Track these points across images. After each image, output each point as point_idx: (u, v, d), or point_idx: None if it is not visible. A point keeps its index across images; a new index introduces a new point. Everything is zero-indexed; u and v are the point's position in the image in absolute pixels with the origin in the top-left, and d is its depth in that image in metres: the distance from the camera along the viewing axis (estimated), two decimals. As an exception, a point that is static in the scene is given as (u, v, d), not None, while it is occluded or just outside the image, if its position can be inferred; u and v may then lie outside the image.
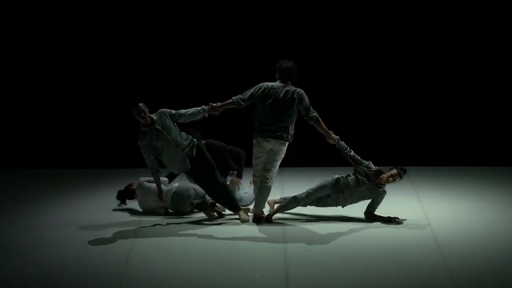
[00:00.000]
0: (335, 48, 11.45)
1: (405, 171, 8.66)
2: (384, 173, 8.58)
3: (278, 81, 8.63)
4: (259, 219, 8.68)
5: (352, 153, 8.72)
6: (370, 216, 8.64)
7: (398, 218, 8.58)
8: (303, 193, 8.76)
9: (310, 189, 8.76)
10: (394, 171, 8.61)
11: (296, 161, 10.80)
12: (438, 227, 8.27)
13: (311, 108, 8.57)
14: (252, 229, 8.38)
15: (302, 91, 8.57)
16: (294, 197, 8.75)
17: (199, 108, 8.69)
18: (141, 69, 11.52)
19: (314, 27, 11.41)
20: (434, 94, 11.54)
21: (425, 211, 8.94)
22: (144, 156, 8.59)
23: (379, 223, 8.51)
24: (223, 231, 8.33)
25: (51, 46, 11.44)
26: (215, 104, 8.67)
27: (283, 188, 10.00)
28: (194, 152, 8.67)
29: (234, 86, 8.75)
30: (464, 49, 11.43)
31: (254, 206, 8.75)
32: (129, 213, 9.08)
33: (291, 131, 8.61)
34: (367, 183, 8.60)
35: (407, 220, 8.57)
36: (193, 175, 8.78)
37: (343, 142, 8.68)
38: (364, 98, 11.56)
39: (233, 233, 8.23)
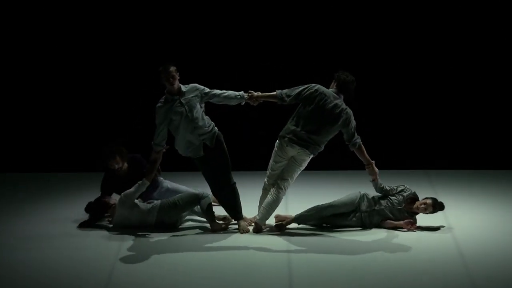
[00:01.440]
0: (342, 47, 11.30)
1: (441, 206, 8.20)
2: (418, 200, 8.20)
3: (332, 89, 8.01)
4: (259, 231, 8.06)
5: (386, 187, 8.20)
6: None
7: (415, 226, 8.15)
8: (324, 204, 8.17)
9: (332, 202, 8.17)
10: (429, 200, 8.16)
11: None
12: (461, 235, 7.96)
13: (356, 133, 7.97)
14: (252, 240, 7.83)
15: (351, 112, 7.98)
16: (316, 206, 8.14)
17: (236, 93, 8.05)
18: (137, 69, 11.34)
19: (314, 28, 11.24)
20: (457, 96, 11.36)
21: (447, 216, 8.58)
22: (156, 122, 7.93)
23: (392, 232, 8.05)
24: (219, 242, 7.80)
25: (33, 49, 11.32)
26: (255, 93, 8.05)
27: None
28: (213, 142, 7.97)
29: (234, 86, 8.21)
30: (482, 49, 11.25)
31: (259, 216, 8.09)
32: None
33: (321, 148, 8.00)
34: (399, 208, 8.14)
35: (428, 226, 8.24)
36: (204, 167, 8.04)
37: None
38: (387, 101, 11.37)
39: (231, 245, 7.71)
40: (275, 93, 8.01)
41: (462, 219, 8.48)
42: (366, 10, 11.14)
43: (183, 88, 7.97)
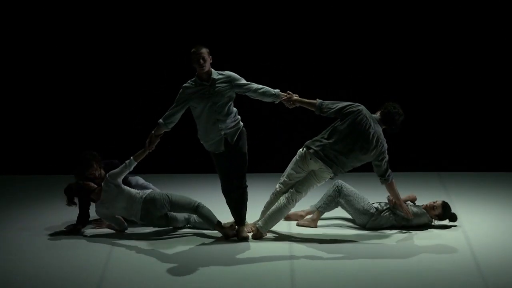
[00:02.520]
0: (356, 48, 11.24)
1: (452, 215, 8.10)
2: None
3: (376, 116, 7.78)
4: (259, 238, 7.76)
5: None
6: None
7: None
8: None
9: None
10: (439, 201, 8.06)
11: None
12: (475, 240, 7.78)
13: (389, 169, 7.70)
14: (253, 247, 7.58)
15: (386, 147, 7.69)
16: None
17: (273, 91, 7.61)
18: (136, 70, 11.33)
19: (315, 28, 11.15)
20: (471, 98, 11.28)
21: (460, 219, 8.40)
22: (175, 100, 7.56)
23: (401, 237, 7.83)
24: (217, 249, 7.54)
25: (29, 50, 11.25)
26: (294, 96, 7.69)
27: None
28: (234, 140, 7.61)
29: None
30: (497, 52, 11.15)
31: (262, 223, 7.79)
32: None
33: (344, 171, 7.70)
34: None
35: (441, 230, 8.10)
36: (220, 163, 7.65)
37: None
38: (400, 103, 10.95)
39: (230, 252, 7.44)
40: (315, 101, 7.70)
41: (476, 223, 8.35)
42: (369, 10, 11.10)
43: (215, 74, 7.56)
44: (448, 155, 11.20)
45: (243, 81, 7.61)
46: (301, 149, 7.76)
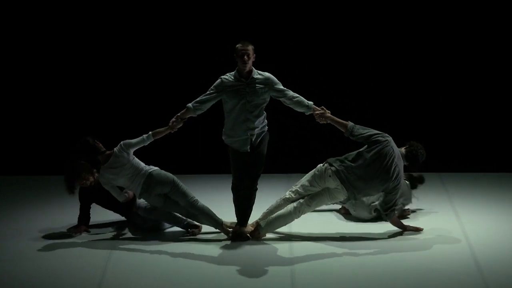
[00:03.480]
0: (354, 50, 11.21)
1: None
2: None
3: (401, 150, 7.80)
4: (258, 238, 7.73)
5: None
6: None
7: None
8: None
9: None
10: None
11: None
12: (476, 240, 7.76)
13: (394, 206, 7.70)
14: (253, 246, 7.61)
15: (402, 183, 7.71)
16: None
17: (306, 102, 7.58)
18: (134, 72, 11.31)
19: (317, 29, 11.13)
20: (471, 98, 11.26)
21: (461, 221, 8.44)
22: (210, 88, 7.57)
23: (402, 237, 7.84)
24: (217, 251, 7.52)
25: (23, 52, 11.25)
26: (327, 113, 7.66)
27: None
28: (257, 142, 7.60)
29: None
30: (499, 53, 11.13)
31: (263, 224, 7.76)
32: (102, 225, 8.34)
33: (357, 198, 7.69)
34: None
35: (441, 232, 8.05)
36: (236, 161, 7.64)
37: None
38: (400, 103, 11.32)
39: (230, 252, 7.46)
40: (347, 123, 7.67)
41: (476, 223, 8.32)
42: (372, 12, 11.08)
43: (255, 73, 7.54)
44: (449, 156, 11.16)
45: (281, 86, 7.60)
46: (322, 164, 7.74)
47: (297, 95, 7.63)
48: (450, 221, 8.41)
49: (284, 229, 7.98)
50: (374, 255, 7.32)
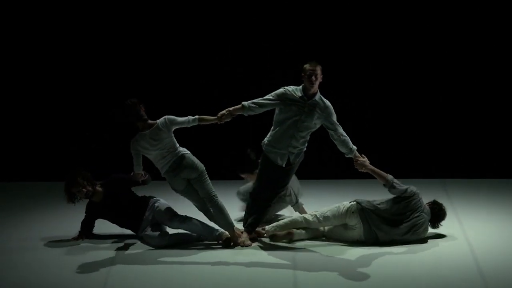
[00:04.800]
0: (356, 57, 11.21)
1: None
2: None
3: (426, 206, 7.88)
4: (259, 236, 7.84)
5: None
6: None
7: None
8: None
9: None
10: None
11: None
12: (478, 247, 7.72)
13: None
14: (256, 253, 7.60)
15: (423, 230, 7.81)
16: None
17: (350, 144, 7.70)
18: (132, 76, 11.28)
19: (317, 29, 11.13)
20: (474, 105, 11.26)
21: (463, 227, 8.45)
22: (272, 93, 7.61)
23: (404, 245, 7.77)
24: (219, 256, 7.50)
25: (18, 56, 11.25)
26: (368, 163, 7.76)
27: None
28: (293, 161, 7.68)
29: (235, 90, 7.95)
30: (498, 57, 11.14)
31: (269, 227, 7.86)
32: (105, 230, 8.24)
33: (379, 237, 7.75)
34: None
35: (443, 238, 8.05)
36: (265, 172, 7.71)
37: None
38: (403, 110, 11.32)
39: (234, 258, 7.42)
40: (386, 177, 7.72)
41: (479, 229, 8.30)
42: (372, 13, 11.09)
43: (318, 97, 7.63)
44: (451, 162, 11.14)
45: (335, 119, 7.67)
46: (351, 203, 7.82)
47: (345, 134, 7.71)
48: (452, 227, 8.36)
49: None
50: (377, 261, 7.30)
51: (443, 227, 8.29)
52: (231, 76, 11.04)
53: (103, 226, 8.21)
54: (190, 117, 7.73)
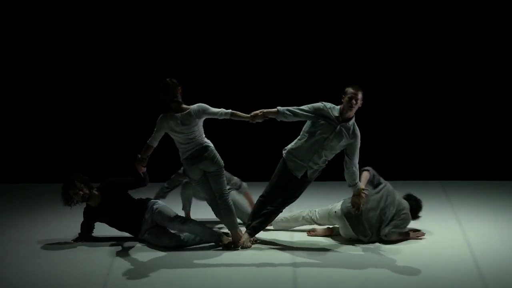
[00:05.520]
0: (354, 59, 11.15)
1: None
2: None
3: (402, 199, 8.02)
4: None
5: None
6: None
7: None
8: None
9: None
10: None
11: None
12: (478, 249, 7.70)
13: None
14: (256, 254, 7.57)
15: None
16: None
17: (357, 180, 7.76)
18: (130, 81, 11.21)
19: (317, 29, 11.07)
20: (474, 106, 11.20)
21: (463, 228, 8.41)
22: (309, 105, 7.68)
23: (404, 245, 7.83)
24: (219, 257, 7.50)
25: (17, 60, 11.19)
26: (363, 193, 7.85)
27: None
28: (310, 177, 7.73)
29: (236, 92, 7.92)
30: (499, 59, 11.08)
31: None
32: (104, 232, 8.19)
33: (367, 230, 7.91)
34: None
35: (443, 240, 8.01)
36: (280, 180, 7.71)
37: None
38: (402, 112, 11.26)
39: (233, 259, 7.42)
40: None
41: (479, 232, 8.27)
42: (372, 15, 11.04)
43: (352, 123, 7.64)
44: (451, 164, 11.11)
45: (356, 149, 7.68)
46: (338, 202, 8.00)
47: (357, 167, 7.74)
48: (452, 229, 8.36)
49: (287, 237, 8.03)
50: (376, 262, 7.29)
51: (443, 228, 8.35)
52: (231, 76, 11.02)
53: (102, 228, 8.17)
54: (223, 110, 7.71)
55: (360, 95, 7.58)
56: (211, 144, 7.77)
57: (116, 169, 8.48)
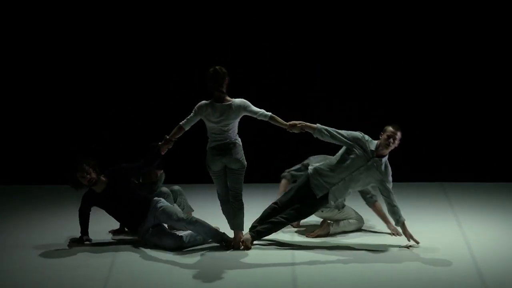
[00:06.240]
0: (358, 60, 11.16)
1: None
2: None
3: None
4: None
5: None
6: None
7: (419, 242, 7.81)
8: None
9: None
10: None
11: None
12: (478, 250, 7.66)
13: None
14: (255, 254, 7.57)
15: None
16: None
17: (399, 214, 7.72)
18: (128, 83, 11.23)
19: (317, 29, 11.08)
20: (474, 108, 11.22)
21: (463, 230, 8.39)
22: (347, 132, 7.71)
23: (402, 245, 7.78)
24: (219, 259, 7.48)
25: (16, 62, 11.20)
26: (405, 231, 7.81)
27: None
28: (328, 198, 7.76)
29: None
30: (500, 60, 11.10)
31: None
32: (104, 233, 8.20)
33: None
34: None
35: (443, 241, 7.96)
36: (299, 193, 7.77)
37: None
38: (402, 113, 11.19)
39: (233, 259, 7.42)
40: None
41: (479, 233, 8.25)
42: (373, 17, 11.04)
43: (384, 161, 7.71)
44: (451, 165, 11.12)
45: (390, 184, 7.70)
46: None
47: (396, 203, 7.72)
48: (452, 230, 8.34)
49: (287, 237, 8.04)
50: (376, 264, 7.27)
51: (443, 230, 8.34)
52: (231, 76, 10.96)
53: (103, 227, 8.19)
54: (264, 111, 7.66)
55: (398, 135, 7.71)
56: (240, 143, 7.74)
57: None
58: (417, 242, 7.68)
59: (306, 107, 10.61)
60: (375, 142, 7.71)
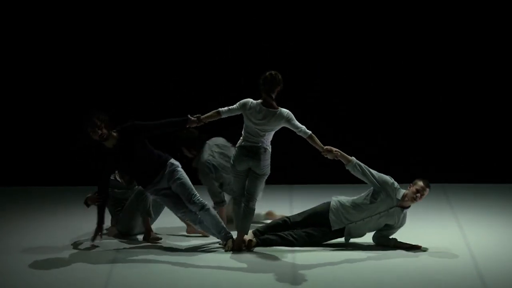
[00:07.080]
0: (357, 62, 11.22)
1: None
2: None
3: None
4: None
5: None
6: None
7: (421, 246, 7.80)
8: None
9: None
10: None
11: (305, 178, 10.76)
12: (479, 252, 7.67)
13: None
14: (255, 255, 7.60)
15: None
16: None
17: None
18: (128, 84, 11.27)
19: (317, 29, 11.13)
20: (475, 110, 11.27)
21: (464, 232, 8.41)
22: (379, 174, 7.78)
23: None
24: (219, 256, 7.54)
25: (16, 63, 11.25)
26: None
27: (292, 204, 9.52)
28: (343, 233, 7.84)
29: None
30: (500, 62, 11.16)
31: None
32: (105, 236, 8.14)
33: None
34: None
35: (444, 243, 7.97)
36: (316, 215, 7.83)
37: None
38: (403, 115, 11.33)
39: (233, 260, 7.44)
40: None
41: (479, 235, 8.27)
42: (373, 18, 11.07)
43: (405, 212, 7.78)
44: (452, 167, 11.13)
45: (391, 233, 7.81)
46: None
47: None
48: (452, 232, 8.36)
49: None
50: (376, 264, 7.29)
51: (444, 231, 8.35)
52: (231, 76, 10.99)
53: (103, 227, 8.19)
54: (305, 128, 7.64)
55: (427, 192, 7.72)
56: (270, 150, 7.73)
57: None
58: (419, 248, 7.70)
59: (306, 107, 10.60)
60: (402, 191, 7.71)
